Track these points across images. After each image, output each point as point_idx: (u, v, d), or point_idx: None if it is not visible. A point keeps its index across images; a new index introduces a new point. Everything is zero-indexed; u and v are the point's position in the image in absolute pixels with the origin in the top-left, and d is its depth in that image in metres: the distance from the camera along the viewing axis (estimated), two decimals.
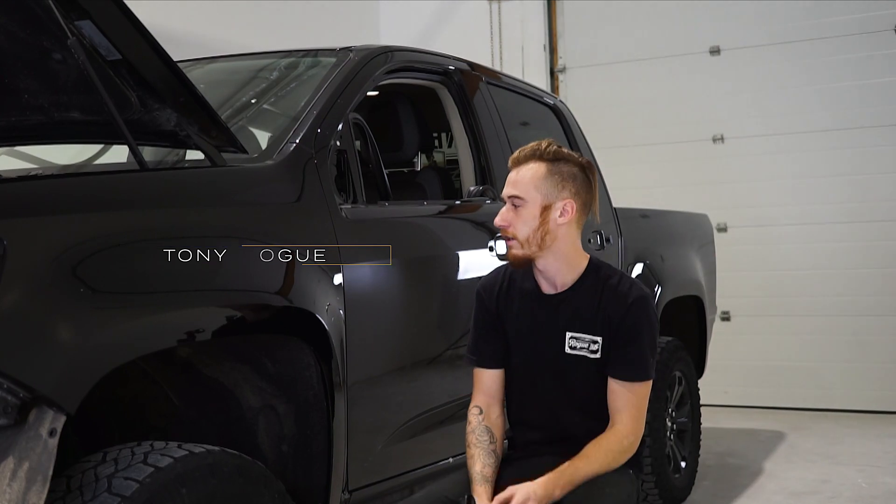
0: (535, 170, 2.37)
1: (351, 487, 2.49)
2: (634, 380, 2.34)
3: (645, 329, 2.35)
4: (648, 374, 2.36)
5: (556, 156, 2.38)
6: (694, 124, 6.67)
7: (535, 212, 2.36)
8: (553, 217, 2.35)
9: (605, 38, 7.01)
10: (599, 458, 2.30)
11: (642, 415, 2.37)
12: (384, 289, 2.69)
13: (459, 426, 3.02)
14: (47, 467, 1.65)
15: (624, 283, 2.39)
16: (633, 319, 2.34)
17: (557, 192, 2.36)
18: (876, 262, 6.25)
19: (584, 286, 2.40)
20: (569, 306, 2.40)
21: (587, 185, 2.40)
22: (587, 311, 2.38)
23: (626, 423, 2.33)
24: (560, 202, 2.35)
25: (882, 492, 4.39)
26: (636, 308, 2.34)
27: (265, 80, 3.16)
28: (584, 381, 2.40)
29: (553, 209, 2.35)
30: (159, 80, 2.14)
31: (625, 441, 2.33)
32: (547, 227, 2.35)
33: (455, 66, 3.42)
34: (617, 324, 2.35)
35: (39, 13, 1.94)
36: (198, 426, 2.32)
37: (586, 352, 2.37)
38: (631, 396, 2.34)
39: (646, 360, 2.35)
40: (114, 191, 2.04)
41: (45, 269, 1.72)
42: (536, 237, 2.36)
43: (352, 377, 2.45)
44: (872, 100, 6.23)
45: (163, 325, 1.94)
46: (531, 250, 2.38)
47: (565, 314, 2.40)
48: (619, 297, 2.36)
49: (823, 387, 6.37)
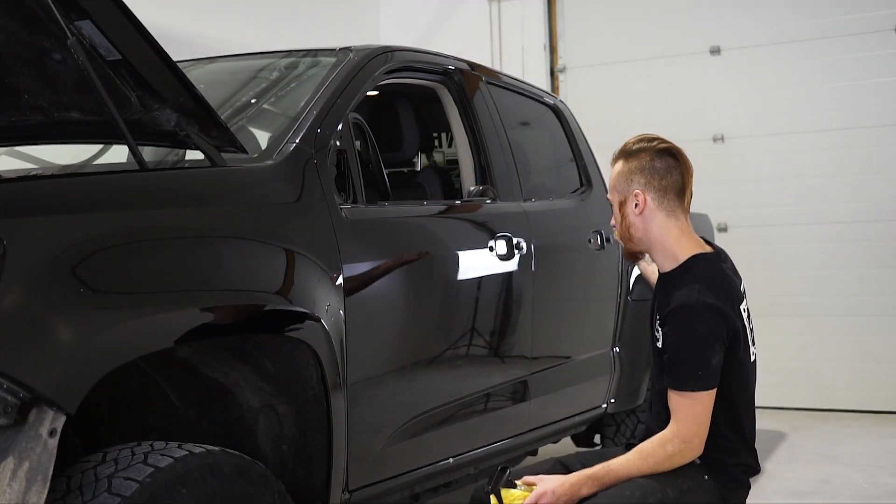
0: (613, 171, 2.50)
1: (351, 487, 2.49)
2: (675, 387, 2.32)
3: (683, 340, 2.32)
4: (688, 385, 2.30)
5: (630, 152, 2.46)
6: (694, 124, 6.66)
7: (616, 209, 2.49)
8: (629, 211, 2.45)
9: (605, 38, 7.00)
10: (636, 461, 2.28)
11: (694, 422, 2.29)
12: (384, 289, 2.69)
13: (459, 426, 3.04)
14: (47, 467, 1.65)
15: (688, 287, 2.35)
16: (672, 326, 2.34)
17: (627, 186, 2.45)
18: (876, 262, 6.25)
19: (672, 276, 2.44)
20: (662, 291, 2.46)
21: (662, 172, 2.42)
22: (663, 300, 2.42)
23: (672, 427, 2.31)
24: (631, 196, 2.44)
25: (883, 492, 4.38)
26: (678, 316, 2.33)
27: (265, 80, 3.16)
28: (659, 365, 2.44)
29: (627, 203, 2.45)
30: (159, 80, 2.14)
31: (668, 446, 2.29)
32: (627, 220, 2.46)
33: (455, 66, 3.42)
34: (665, 325, 2.37)
35: (39, 13, 1.94)
36: (198, 426, 2.32)
37: (658, 338, 2.44)
38: (677, 401, 2.31)
39: (684, 371, 2.30)
40: (114, 191, 2.04)
41: (45, 269, 1.72)
42: (625, 232, 2.48)
43: (352, 377, 2.45)
44: (872, 100, 6.23)
45: (162, 325, 1.94)
46: (629, 245, 2.50)
47: (659, 297, 2.48)
48: (674, 300, 2.35)
49: (824, 387, 6.37)
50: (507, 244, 3.19)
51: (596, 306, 3.95)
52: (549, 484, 2.22)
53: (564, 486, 2.21)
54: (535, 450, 3.86)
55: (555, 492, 2.20)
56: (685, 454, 2.30)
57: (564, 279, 3.68)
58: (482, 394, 3.13)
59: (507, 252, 3.19)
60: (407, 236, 2.85)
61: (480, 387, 3.12)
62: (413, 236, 2.89)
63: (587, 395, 3.85)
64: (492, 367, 3.24)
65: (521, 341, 3.35)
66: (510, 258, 3.21)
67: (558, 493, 2.20)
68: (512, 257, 3.22)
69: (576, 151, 4.26)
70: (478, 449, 3.12)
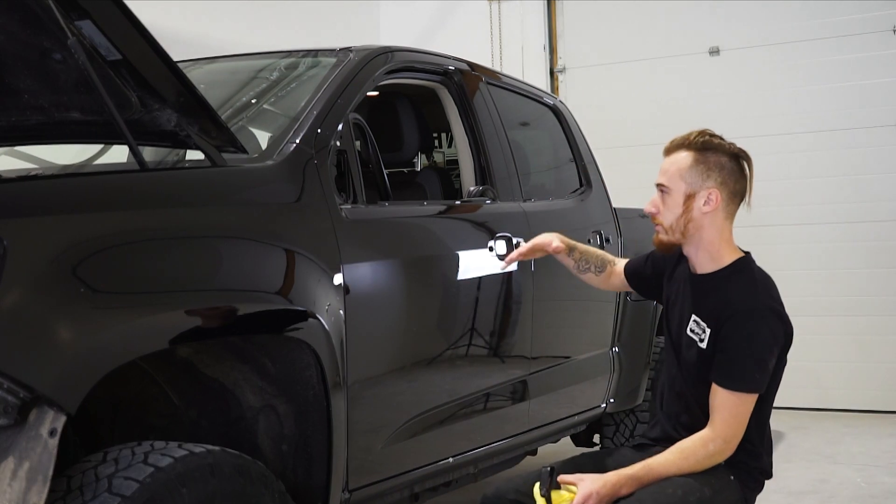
0: (682, 159, 2.39)
1: (351, 487, 2.49)
2: (728, 387, 2.31)
3: (745, 341, 2.32)
4: (743, 386, 2.31)
5: (704, 145, 2.40)
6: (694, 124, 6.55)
7: (679, 200, 2.38)
8: (697, 206, 2.37)
9: (605, 38, 7.01)
10: (676, 460, 2.28)
11: (738, 423, 2.31)
12: (384, 289, 2.70)
13: (459, 426, 3.04)
14: (47, 467, 1.65)
15: (743, 289, 2.36)
16: (732, 328, 2.32)
17: (702, 181, 2.37)
18: (876, 263, 6.25)
19: (717, 277, 2.41)
20: (699, 291, 2.43)
21: (736, 175, 2.40)
22: (709, 301, 2.39)
23: (715, 427, 2.31)
24: (704, 191, 2.37)
25: (881, 491, 4.39)
26: (740, 319, 2.32)
27: (265, 80, 3.16)
28: (693, 364, 2.41)
29: (697, 198, 2.37)
30: (159, 80, 2.14)
31: (710, 445, 2.29)
32: (690, 214, 2.38)
33: (455, 66, 3.42)
34: (721, 327, 2.35)
35: (39, 13, 1.94)
36: (198, 426, 2.32)
37: (697, 338, 2.39)
38: (725, 401, 2.31)
39: (741, 371, 2.31)
40: (114, 191, 2.04)
41: (46, 269, 1.72)
42: (680, 225, 2.39)
43: (352, 377, 2.45)
44: (872, 100, 6.23)
45: (162, 325, 1.94)
46: (675, 237, 2.41)
47: (696, 297, 2.43)
48: (731, 302, 2.34)
49: (823, 387, 6.37)
50: (506, 244, 3.19)
51: (595, 306, 3.96)
52: (592, 486, 2.22)
53: (607, 487, 2.22)
54: (534, 449, 3.86)
55: (599, 493, 2.20)
56: (724, 454, 2.32)
57: (564, 279, 3.67)
58: (482, 393, 3.14)
59: (507, 252, 3.18)
60: (407, 236, 2.86)
61: (480, 387, 3.13)
62: (413, 236, 2.89)
63: (586, 394, 3.85)
64: (491, 366, 3.24)
65: (520, 341, 3.35)
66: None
67: (602, 495, 2.20)
68: None
69: (575, 152, 4.26)
70: (477, 449, 3.12)
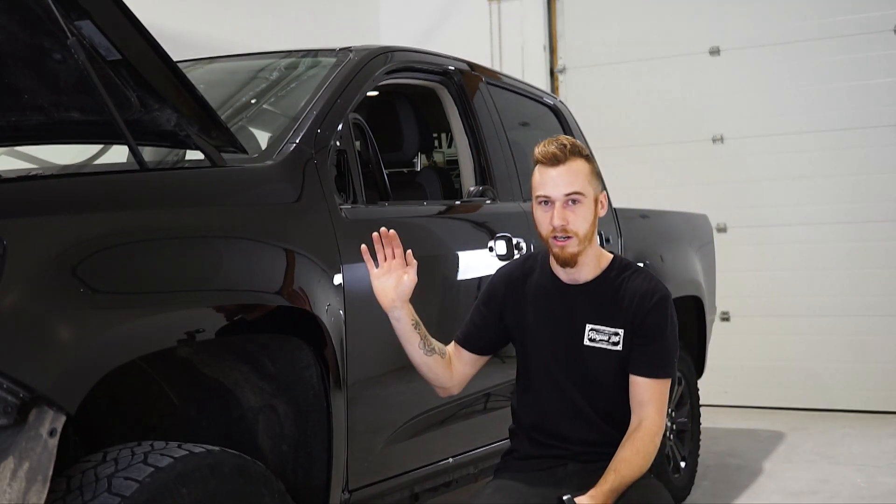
0: (582, 166, 2.39)
1: (351, 487, 2.49)
2: (659, 377, 2.35)
3: (669, 328, 2.38)
4: (671, 371, 2.38)
5: (585, 152, 2.43)
6: (694, 124, 6.67)
7: (591, 207, 2.38)
8: (597, 211, 2.41)
9: (605, 38, 7.00)
10: (638, 462, 2.29)
11: (665, 406, 2.38)
12: None
13: (459, 426, 3.04)
14: (47, 467, 1.65)
15: (647, 280, 2.42)
16: (656, 318, 2.37)
17: (599, 185, 2.43)
18: (876, 263, 6.25)
19: (606, 279, 2.43)
20: (589, 299, 2.42)
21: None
22: (608, 304, 2.40)
23: (652, 419, 2.33)
24: (601, 196, 2.43)
25: (881, 492, 4.39)
26: (660, 306, 2.37)
27: (265, 80, 3.16)
28: (603, 373, 2.40)
29: (597, 203, 2.41)
30: (159, 80, 2.14)
31: (657, 438, 2.33)
32: (595, 220, 2.40)
33: (455, 67, 3.42)
34: (640, 321, 2.37)
35: (39, 13, 1.94)
36: (198, 426, 2.33)
37: (606, 344, 2.39)
38: (655, 391, 2.35)
39: (670, 358, 2.38)
40: (114, 191, 2.04)
41: (45, 269, 1.72)
42: (590, 232, 2.39)
43: (352, 377, 2.45)
44: (872, 100, 6.23)
45: (162, 325, 1.94)
46: (583, 246, 2.38)
47: (585, 306, 2.42)
48: (644, 294, 2.38)
49: (823, 387, 6.37)
50: (506, 244, 3.19)
51: None
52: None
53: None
54: None
55: None
56: (658, 446, 2.36)
57: None
58: (482, 394, 3.13)
59: (507, 252, 3.18)
60: (407, 236, 2.85)
61: (480, 387, 3.12)
62: (413, 236, 2.89)
63: None
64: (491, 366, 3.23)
65: None
66: (510, 258, 3.21)
67: None
68: (512, 257, 3.22)
69: None
70: (478, 449, 3.12)
